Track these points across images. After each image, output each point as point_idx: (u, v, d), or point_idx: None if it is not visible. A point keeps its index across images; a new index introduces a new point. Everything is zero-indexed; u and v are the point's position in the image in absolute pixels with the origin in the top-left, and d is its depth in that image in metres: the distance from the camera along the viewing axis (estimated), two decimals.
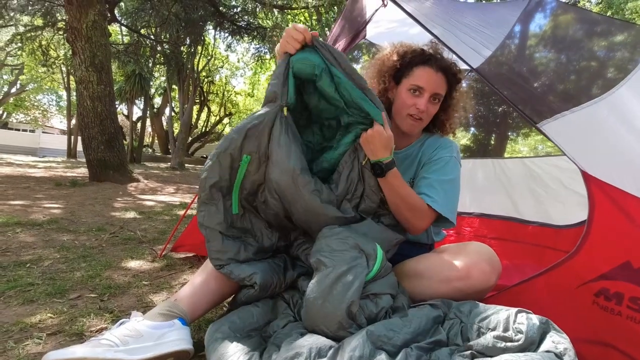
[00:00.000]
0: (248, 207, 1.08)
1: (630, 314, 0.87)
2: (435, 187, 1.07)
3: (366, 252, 0.90)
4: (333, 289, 0.82)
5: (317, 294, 0.84)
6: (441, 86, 1.13)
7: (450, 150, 1.18)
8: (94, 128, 5.06)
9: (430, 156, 1.18)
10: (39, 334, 1.02)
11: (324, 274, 0.85)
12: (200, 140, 19.67)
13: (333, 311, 0.81)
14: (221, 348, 0.82)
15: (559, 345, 0.66)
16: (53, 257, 1.73)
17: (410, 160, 1.23)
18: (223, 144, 1.01)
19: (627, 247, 0.89)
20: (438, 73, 1.12)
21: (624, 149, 1.01)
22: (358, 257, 0.87)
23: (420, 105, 1.11)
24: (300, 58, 1.00)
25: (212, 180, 1.00)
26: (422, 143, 1.24)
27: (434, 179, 1.10)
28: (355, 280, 0.82)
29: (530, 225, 2.20)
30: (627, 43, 1.47)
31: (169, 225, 2.70)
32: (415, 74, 1.13)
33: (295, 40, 0.98)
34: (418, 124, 1.16)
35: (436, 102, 1.15)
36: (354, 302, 0.81)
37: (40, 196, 3.73)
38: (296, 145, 1.01)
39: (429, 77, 1.11)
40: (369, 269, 0.87)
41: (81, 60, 4.96)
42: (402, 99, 1.15)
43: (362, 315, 0.84)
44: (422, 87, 1.12)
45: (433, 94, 1.12)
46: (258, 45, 10.94)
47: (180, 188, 5.76)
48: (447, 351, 0.71)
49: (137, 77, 11.81)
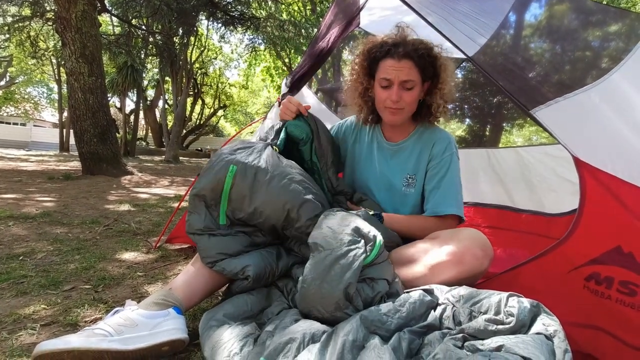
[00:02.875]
0: (234, 220, 1.09)
1: (619, 298, 0.88)
2: (448, 195, 1.17)
3: (365, 236, 0.91)
4: (331, 270, 0.83)
5: (315, 274, 0.84)
6: (409, 72, 1.12)
7: (449, 147, 1.20)
8: (86, 121, 4.99)
9: (432, 155, 1.21)
10: (33, 324, 1.02)
11: (322, 256, 0.86)
12: (194, 133, 19.53)
13: (330, 292, 0.81)
14: (215, 335, 0.82)
15: (549, 327, 0.67)
16: (46, 250, 1.71)
17: (406, 154, 1.25)
18: (211, 159, 1.08)
19: (617, 232, 0.91)
20: (402, 61, 1.11)
21: (615, 135, 1.02)
22: (357, 241, 0.88)
23: (392, 97, 1.13)
24: (295, 123, 1.25)
25: (195, 190, 1.06)
26: (418, 137, 1.25)
27: (442, 189, 1.18)
28: (353, 262, 0.83)
29: (524, 214, 2.22)
30: (622, 33, 1.46)
31: (163, 217, 2.69)
32: (381, 68, 1.15)
33: (292, 112, 1.24)
34: (399, 114, 1.17)
35: (411, 89, 1.14)
36: (352, 284, 0.82)
37: (33, 189, 3.69)
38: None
39: (393, 68, 1.12)
40: (367, 253, 0.87)
41: (71, 52, 4.86)
42: (377, 95, 1.18)
43: (358, 298, 0.84)
44: (388, 79, 1.13)
45: (401, 83, 1.12)
46: (252, 36, 10.81)
47: (175, 181, 5.73)
48: (439, 334, 0.72)
49: (129, 69, 11.63)
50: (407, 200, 1.24)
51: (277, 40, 9.58)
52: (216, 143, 21.99)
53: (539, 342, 0.63)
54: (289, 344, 0.72)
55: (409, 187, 1.24)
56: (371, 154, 1.32)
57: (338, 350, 0.66)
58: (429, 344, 0.71)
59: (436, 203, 1.17)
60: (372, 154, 1.32)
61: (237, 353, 0.77)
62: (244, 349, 0.77)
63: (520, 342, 0.63)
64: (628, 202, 0.90)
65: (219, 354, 0.78)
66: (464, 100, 6.70)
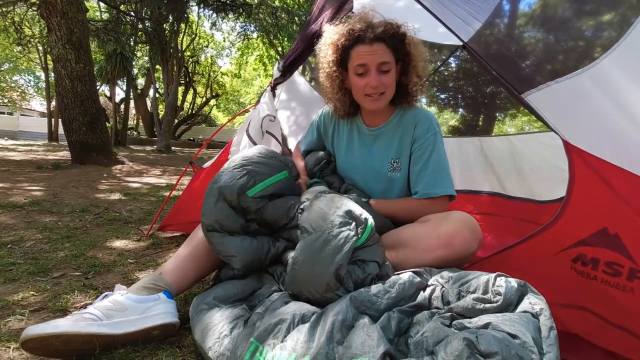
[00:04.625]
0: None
1: (605, 278, 0.90)
2: (438, 176, 1.16)
3: (357, 218, 0.91)
4: (322, 252, 0.83)
5: (306, 256, 0.85)
6: (383, 54, 1.10)
7: (431, 126, 1.18)
8: (74, 109, 4.88)
9: (414, 137, 1.19)
10: (22, 310, 1.01)
11: (313, 238, 0.86)
12: (187, 123, 19.25)
13: (321, 273, 0.82)
14: (206, 318, 0.82)
15: (535, 306, 0.68)
16: (35, 238, 1.69)
17: (388, 138, 1.23)
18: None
19: (604, 214, 0.92)
20: (374, 44, 1.09)
21: (605, 118, 1.02)
22: (348, 223, 0.88)
23: (371, 82, 1.11)
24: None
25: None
26: (399, 119, 1.23)
27: (431, 170, 1.16)
28: (344, 244, 0.83)
29: (514, 201, 2.25)
30: (614, 22, 1.46)
31: (155, 206, 2.66)
32: (353, 56, 1.12)
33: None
34: (381, 100, 1.15)
35: (387, 71, 1.12)
36: (342, 265, 0.82)
37: (21, 179, 3.62)
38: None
39: (366, 53, 1.09)
40: (358, 235, 0.88)
41: (57, 37, 4.72)
42: (354, 84, 1.16)
43: (349, 280, 0.85)
44: (364, 65, 1.10)
45: (378, 66, 1.10)
46: (244, 23, 10.62)
47: (167, 170, 5.67)
48: (427, 314, 0.73)
49: (119, 57, 11.34)
50: (395, 185, 1.24)
51: (270, 28, 9.42)
52: (208, 133, 21.75)
53: (525, 319, 0.64)
54: (278, 325, 0.72)
55: (395, 171, 1.23)
56: (352, 142, 1.31)
57: (327, 330, 0.67)
58: (418, 323, 0.72)
59: (427, 185, 1.15)
60: (353, 142, 1.31)
61: (227, 335, 0.77)
62: (234, 330, 0.77)
63: (507, 319, 0.64)
64: (615, 185, 0.91)
65: (209, 337, 0.78)
66: (457, 89, 6.65)
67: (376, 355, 0.61)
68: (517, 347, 0.58)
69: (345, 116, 1.29)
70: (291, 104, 2.17)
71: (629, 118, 0.98)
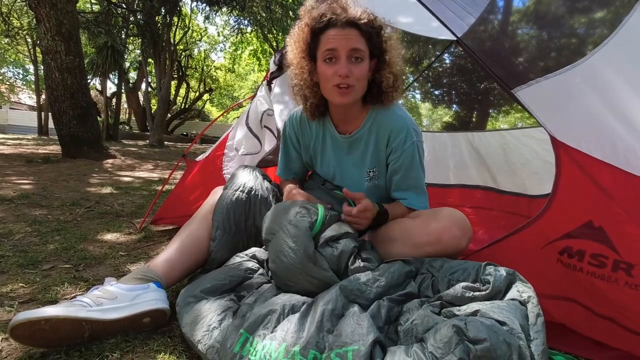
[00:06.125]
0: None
1: (590, 270, 0.92)
2: (416, 191, 1.13)
3: (308, 208, 0.96)
4: (283, 246, 0.89)
5: (273, 255, 0.90)
6: (356, 40, 0.99)
7: (409, 136, 1.07)
8: (64, 102, 4.80)
9: (390, 147, 1.10)
10: (11, 302, 1.00)
11: (274, 241, 0.93)
12: (179, 117, 19.08)
13: (292, 263, 0.86)
14: (194, 311, 0.82)
15: (523, 294, 0.70)
16: (25, 231, 1.67)
17: (362, 147, 1.14)
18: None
19: (589, 208, 0.94)
20: (346, 29, 0.98)
21: (592, 114, 1.04)
22: (300, 212, 0.94)
23: (340, 70, 0.97)
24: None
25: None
26: (372, 123, 1.11)
27: (412, 184, 1.12)
28: (297, 225, 0.91)
29: (506, 195, 2.28)
30: (607, 20, 1.48)
31: (147, 200, 2.64)
32: (323, 40, 1.01)
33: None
34: (349, 93, 1.01)
35: (359, 61, 1.00)
36: (306, 245, 0.88)
37: (10, 172, 3.56)
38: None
39: (338, 36, 0.98)
40: (310, 218, 0.93)
41: (46, 29, 4.63)
42: (322, 73, 1.03)
43: (323, 260, 0.87)
44: (334, 49, 0.98)
45: (349, 52, 0.98)
46: (237, 17, 10.52)
47: (159, 165, 5.62)
48: (417, 302, 0.74)
49: (110, 50, 11.15)
50: (377, 191, 1.18)
51: (264, 22, 9.34)
52: (202, 128, 21.56)
53: (514, 307, 0.66)
54: (268, 316, 0.72)
55: (372, 179, 1.16)
56: (325, 151, 1.21)
57: (317, 319, 0.67)
58: (408, 311, 0.73)
59: (411, 202, 1.12)
60: (327, 151, 1.21)
61: (216, 327, 0.77)
62: (223, 322, 0.77)
63: (495, 307, 0.65)
64: (600, 180, 0.93)
65: (197, 329, 0.78)
66: (451, 86, 6.70)
67: (366, 343, 0.62)
68: (505, 334, 0.59)
69: (316, 114, 1.15)
70: (285, 97, 2.16)
71: (616, 113, 0.99)
